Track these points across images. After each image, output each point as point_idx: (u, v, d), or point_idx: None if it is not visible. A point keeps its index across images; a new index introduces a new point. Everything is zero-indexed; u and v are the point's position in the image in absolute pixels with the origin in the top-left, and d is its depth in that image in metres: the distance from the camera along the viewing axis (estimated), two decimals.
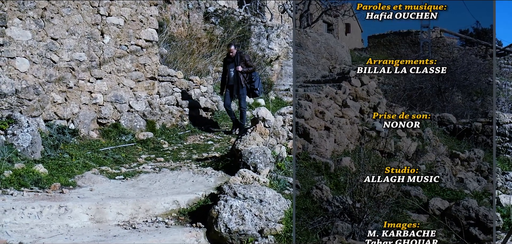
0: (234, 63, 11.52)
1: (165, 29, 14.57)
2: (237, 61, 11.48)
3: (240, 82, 11.42)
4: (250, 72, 11.59)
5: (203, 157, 9.21)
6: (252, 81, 11.64)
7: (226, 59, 11.83)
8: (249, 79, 11.59)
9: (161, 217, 6.01)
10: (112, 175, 7.80)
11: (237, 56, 11.56)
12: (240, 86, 11.44)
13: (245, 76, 11.52)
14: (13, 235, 5.14)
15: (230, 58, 11.63)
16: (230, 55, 11.65)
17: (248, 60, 11.71)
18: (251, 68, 11.68)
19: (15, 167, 7.04)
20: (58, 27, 9.33)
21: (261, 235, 5.44)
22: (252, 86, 11.65)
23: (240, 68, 11.40)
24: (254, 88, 11.71)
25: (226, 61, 11.78)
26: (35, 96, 8.91)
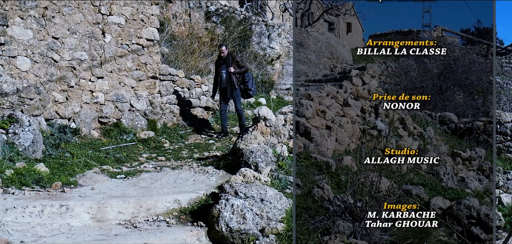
0: (226, 65, 11.22)
1: (166, 28, 14.56)
2: (228, 63, 11.18)
3: (233, 84, 11.11)
4: (242, 72, 11.31)
5: (204, 156, 9.21)
6: (245, 82, 11.36)
7: (218, 61, 11.58)
8: (242, 80, 11.31)
9: (163, 216, 6.01)
10: (113, 174, 7.80)
11: (229, 57, 11.27)
12: (233, 88, 11.15)
13: (238, 77, 11.22)
14: (15, 234, 5.14)
15: (221, 59, 11.35)
16: (221, 56, 11.38)
17: (240, 61, 11.43)
18: (244, 69, 11.39)
19: (17, 166, 7.05)
20: (59, 26, 9.33)
21: (262, 234, 5.44)
22: (246, 86, 11.37)
23: (232, 69, 11.09)
24: (248, 88, 11.43)
25: (218, 63, 11.52)
26: (36, 96, 8.91)
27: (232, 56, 11.31)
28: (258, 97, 14.79)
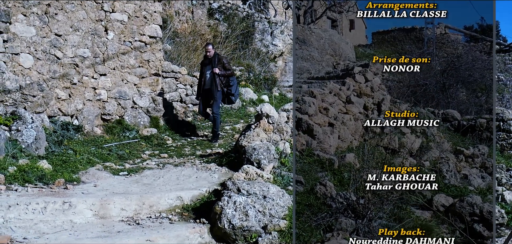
0: (211, 65, 10.57)
1: (169, 25, 14.57)
2: (214, 63, 10.53)
3: (216, 85, 10.44)
4: (228, 76, 10.64)
5: (207, 153, 9.21)
6: (229, 85, 10.70)
7: (203, 61, 10.88)
8: (226, 83, 10.64)
9: (165, 213, 6.01)
10: (116, 171, 7.81)
11: (215, 57, 10.61)
12: (216, 90, 10.47)
13: (222, 80, 10.55)
14: (18, 231, 5.15)
15: (207, 59, 10.68)
16: (207, 56, 10.71)
17: (226, 63, 10.72)
18: (229, 72, 10.72)
19: (20, 163, 7.07)
20: (62, 23, 9.34)
21: (264, 231, 5.44)
22: (229, 91, 10.69)
23: (217, 70, 10.43)
24: (231, 93, 10.73)
25: (203, 63, 10.83)
26: (39, 93, 8.92)
27: (218, 57, 10.67)
28: (260, 94, 14.80)
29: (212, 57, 10.60)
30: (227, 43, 16.09)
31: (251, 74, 15.85)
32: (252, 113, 12.82)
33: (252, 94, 14.39)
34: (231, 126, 11.87)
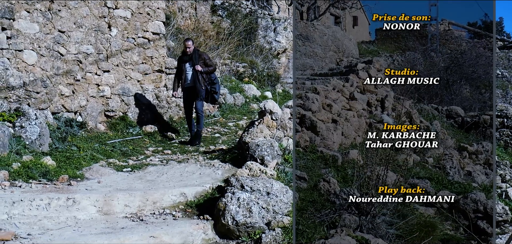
0: (192, 62, 9.97)
1: (172, 22, 14.57)
2: (195, 60, 9.94)
3: (199, 83, 9.90)
4: (210, 72, 10.08)
5: (210, 150, 9.22)
6: (213, 83, 10.18)
7: (181, 58, 10.22)
8: (209, 81, 10.11)
9: (169, 209, 6.02)
10: (119, 167, 7.82)
11: (195, 53, 10.03)
12: (200, 88, 9.92)
13: (205, 77, 9.99)
14: (22, 227, 5.17)
15: (187, 56, 10.06)
16: (186, 52, 10.07)
17: (207, 59, 10.18)
18: (212, 68, 10.17)
19: (23, 159, 7.08)
20: (65, 20, 9.34)
21: (268, 228, 5.44)
22: (213, 89, 10.16)
23: (199, 67, 9.87)
24: (215, 91, 10.20)
25: (181, 60, 10.18)
26: (42, 89, 8.94)
27: (198, 53, 10.11)
28: (264, 91, 14.80)
29: (192, 53, 10.04)
30: (230, 40, 16.08)
31: (254, 70, 15.85)
32: (255, 110, 12.81)
33: (255, 91, 14.39)
34: (234, 122, 11.87)
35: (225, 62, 15.23)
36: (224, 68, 14.96)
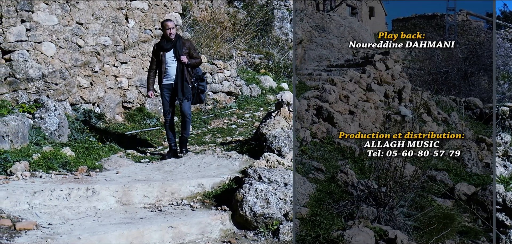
0: (175, 51, 7.86)
1: (188, 13, 14.60)
2: (179, 49, 7.83)
3: (185, 79, 7.85)
4: (195, 66, 8.03)
5: (227, 141, 9.24)
6: (201, 79, 8.16)
7: (160, 44, 7.95)
8: (196, 76, 8.06)
9: (187, 200, 6.06)
10: (137, 158, 7.88)
11: (179, 41, 7.91)
12: (186, 85, 7.87)
13: (191, 71, 7.95)
14: (43, 217, 5.23)
15: (168, 42, 7.88)
16: (168, 37, 7.85)
17: (192, 49, 8.07)
18: (198, 60, 8.09)
19: (43, 150, 7.17)
20: (83, 12, 9.40)
21: (286, 219, 5.45)
22: (201, 87, 8.11)
23: (185, 59, 7.79)
24: (202, 90, 8.16)
25: (160, 48, 7.93)
26: (61, 81, 9.02)
27: (182, 41, 8.02)
28: (280, 82, 14.78)
29: (174, 40, 7.90)
30: (247, 31, 16.07)
31: (270, 62, 15.83)
32: (271, 101, 12.81)
33: (272, 82, 14.38)
34: (251, 114, 11.89)
35: (241, 54, 15.22)
36: (240, 60, 14.95)
